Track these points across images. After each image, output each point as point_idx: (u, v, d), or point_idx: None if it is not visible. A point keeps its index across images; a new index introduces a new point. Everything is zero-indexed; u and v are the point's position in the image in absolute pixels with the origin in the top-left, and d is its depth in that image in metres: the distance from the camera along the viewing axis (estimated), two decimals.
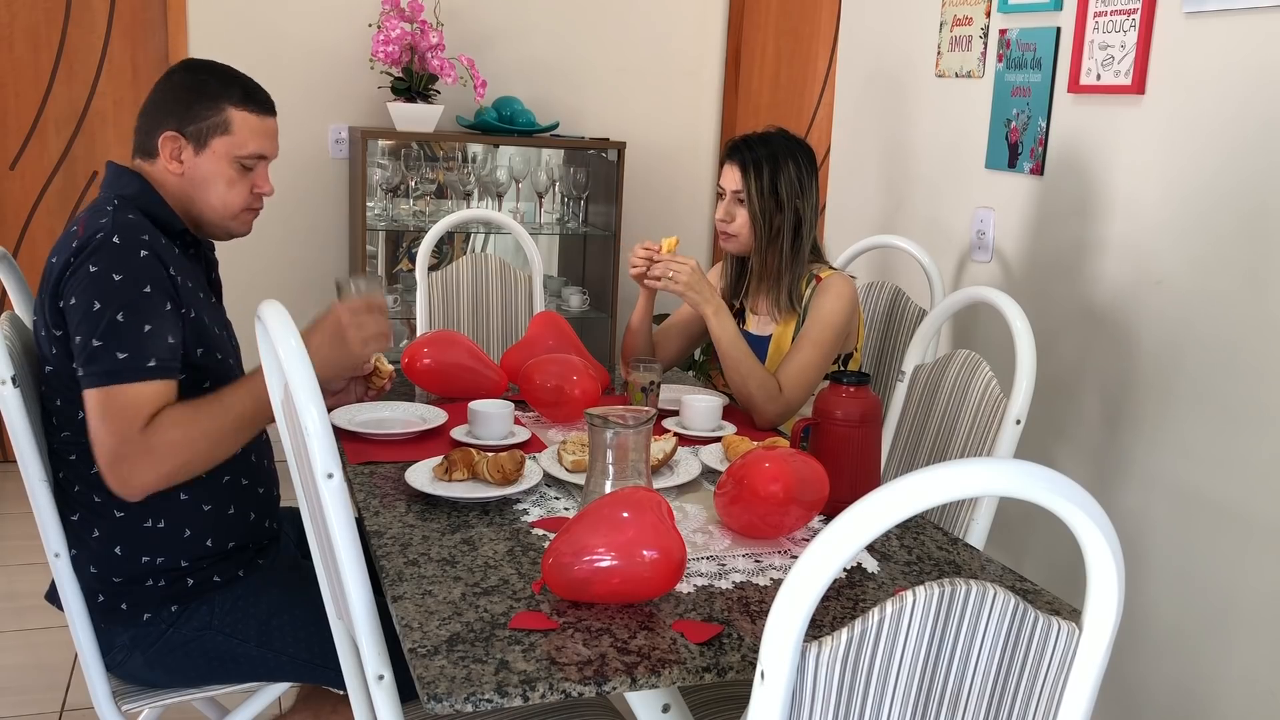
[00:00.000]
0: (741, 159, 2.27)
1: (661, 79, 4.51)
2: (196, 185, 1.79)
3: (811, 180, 2.29)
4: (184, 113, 1.76)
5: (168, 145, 1.77)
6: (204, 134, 1.77)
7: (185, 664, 1.76)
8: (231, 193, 1.81)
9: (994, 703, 1.03)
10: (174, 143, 1.77)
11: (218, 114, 1.77)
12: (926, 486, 0.90)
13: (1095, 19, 2.30)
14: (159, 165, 1.78)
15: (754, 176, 2.26)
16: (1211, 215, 2.05)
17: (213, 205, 1.81)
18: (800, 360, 2.21)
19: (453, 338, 2.31)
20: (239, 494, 1.81)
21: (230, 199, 1.81)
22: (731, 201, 2.30)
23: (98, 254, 1.63)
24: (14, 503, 3.67)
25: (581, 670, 1.22)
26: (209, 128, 1.77)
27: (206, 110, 1.77)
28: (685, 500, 1.77)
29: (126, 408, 1.60)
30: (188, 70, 1.82)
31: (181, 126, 1.77)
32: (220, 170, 1.79)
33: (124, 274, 1.62)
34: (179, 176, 1.78)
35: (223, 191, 1.80)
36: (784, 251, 2.28)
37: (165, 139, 1.76)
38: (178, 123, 1.76)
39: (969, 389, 2.03)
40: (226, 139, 1.78)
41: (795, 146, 2.29)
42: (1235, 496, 1.99)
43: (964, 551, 1.64)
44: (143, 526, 1.73)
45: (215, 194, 1.80)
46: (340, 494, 1.29)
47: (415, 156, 4.12)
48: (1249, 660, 1.97)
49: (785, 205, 2.26)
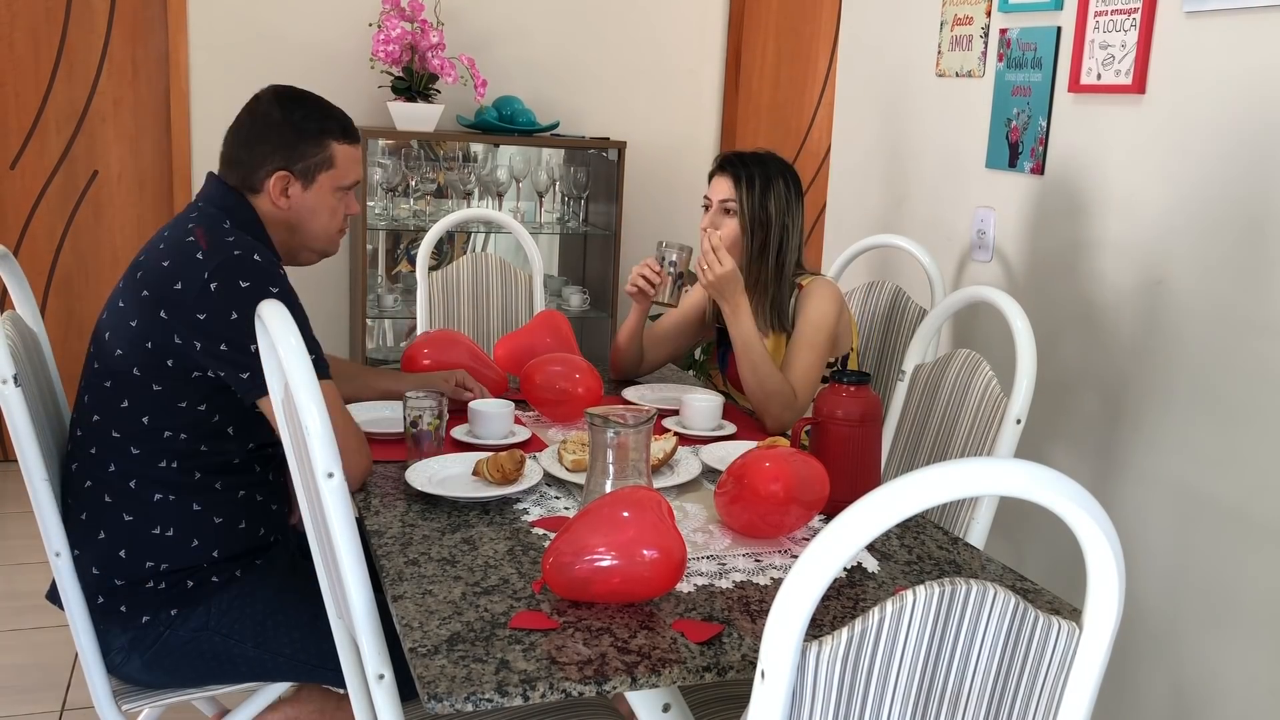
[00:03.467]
0: (735, 171, 2.31)
1: (661, 79, 4.51)
2: (302, 218, 1.86)
3: (798, 202, 2.33)
4: (290, 152, 1.82)
5: (277, 184, 1.82)
6: (311, 170, 1.83)
7: (184, 665, 1.77)
8: (333, 221, 1.90)
9: (994, 702, 1.03)
10: (283, 181, 1.82)
11: (323, 151, 1.84)
12: (926, 486, 0.90)
13: (1096, 18, 2.30)
14: (263, 200, 1.83)
15: (746, 188, 2.29)
16: (1212, 215, 2.05)
17: (316, 234, 1.89)
18: (801, 363, 2.22)
19: (453, 338, 2.31)
20: (251, 508, 1.82)
21: (331, 226, 1.90)
22: (718, 211, 2.32)
23: (242, 270, 1.67)
24: (15, 502, 3.67)
25: (582, 670, 1.22)
26: (316, 165, 1.83)
27: (314, 149, 1.83)
28: (685, 500, 1.77)
29: (337, 404, 1.67)
30: (283, 104, 1.85)
31: (290, 165, 1.82)
32: (325, 202, 1.86)
33: (279, 286, 1.69)
34: (285, 211, 1.84)
35: (326, 220, 1.89)
36: (768, 267, 2.30)
37: (275, 179, 1.81)
38: (285, 161, 1.82)
39: (969, 388, 2.03)
40: (331, 173, 1.85)
41: (784, 168, 2.34)
42: (1235, 496, 1.99)
43: (964, 551, 1.64)
44: (150, 533, 1.73)
45: (320, 224, 1.88)
46: (340, 493, 1.29)
47: (415, 156, 4.12)
48: (1249, 659, 1.98)
49: (773, 220, 2.29)
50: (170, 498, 1.73)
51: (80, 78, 3.92)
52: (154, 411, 1.71)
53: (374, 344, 4.31)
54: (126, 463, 1.73)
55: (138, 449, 1.72)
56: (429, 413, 1.86)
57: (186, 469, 1.74)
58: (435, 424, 1.87)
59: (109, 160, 4.01)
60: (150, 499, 1.73)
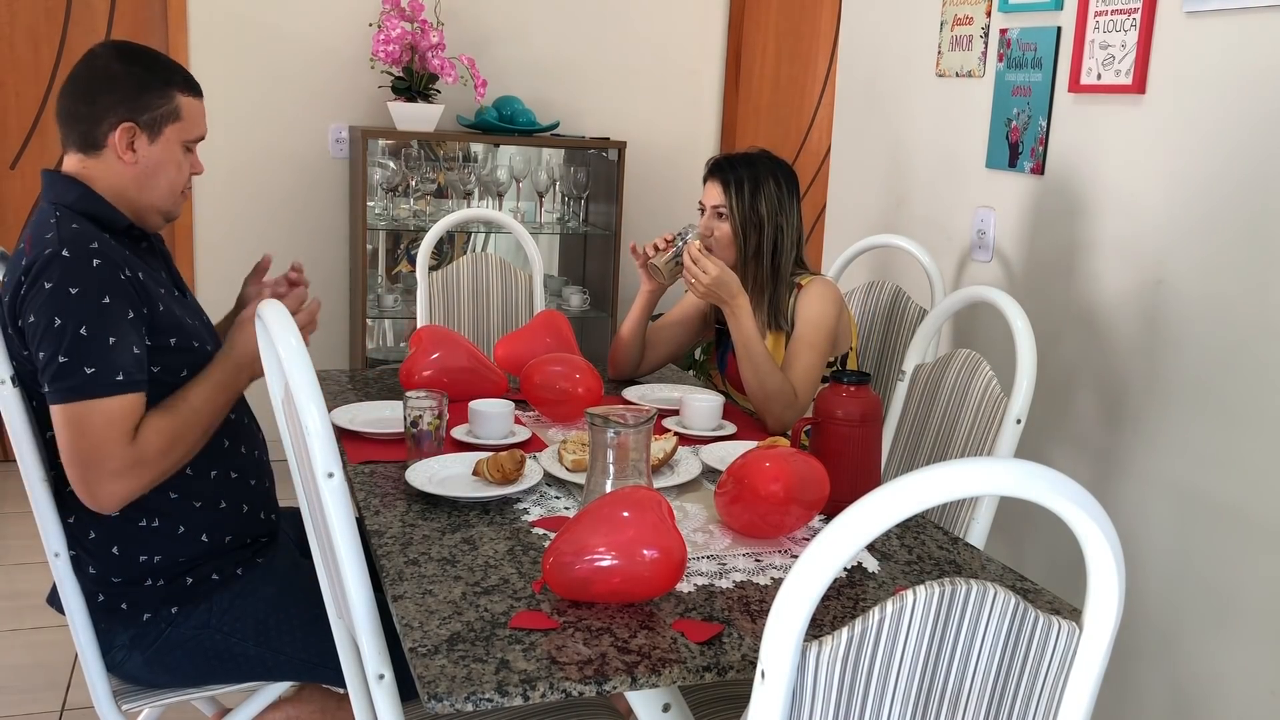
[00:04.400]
0: (724, 176, 2.32)
1: (661, 79, 4.51)
2: (149, 174, 1.78)
3: (792, 200, 2.33)
4: (134, 103, 1.74)
5: (123, 137, 1.74)
6: (158, 123, 1.76)
7: (184, 663, 1.76)
8: (179, 177, 1.82)
9: (994, 702, 1.03)
10: (128, 133, 1.74)
11: (169, 102, 1.77)
12: (926, 486, 0.90)
13: (1096, 18, 2.30)
14: (106, 157, 1.75)
15: (735, 193, 2.29)
16: (1212, 215, 2.05)
17: (162, 191, 1.80)
18: (802, 363, 2.22)
19: (453, 338, 2.31)
20: (229, 487, 1.81)
21: (177, 184, 1.82)
22: (711, 216, 2.34)
23: (49, 269, 1.62)
24: (14, 502, 3.67)
25: (582, 670, 1.22)
26: (162, 116, 1.76)
27: (159, 100, 1.76)
28: (685, 500, 1.77)
29: (103, 423, 1.60)
30: (123, 57, 1.78)
31: (135, 116, 1.74)
32: (172, 156, 1.79)
33: (80, 287, 1.61)
34: (131, 165, 1.76)
35: (173, 177, 1.80)
36: (764, 267, 2.31)
37: (120, 131, 1.73)
38: (129, 112, 1.74)
39: (969, 388, 2.03)
40: (178, 125, 1.78)
41: (777, 167, 2.34)
42: (1235, 496, 1.99)
43: (964, 551, 1.64)
44: (137, 526, 1.73)
45: (166, 180, 1.80)
46: (341, 493, 1.29)
47: (416, 156, 4.12)
48: (1249, 659, 1.98)
49: (766, 222, 2.29)
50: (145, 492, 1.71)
51: None
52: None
53: (374, 344, 4.31)
54: None
55: None
56: (429, 413, 1.86)
57: None
58: (435, 424, 1.87)
59: None
60: None
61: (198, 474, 1.77)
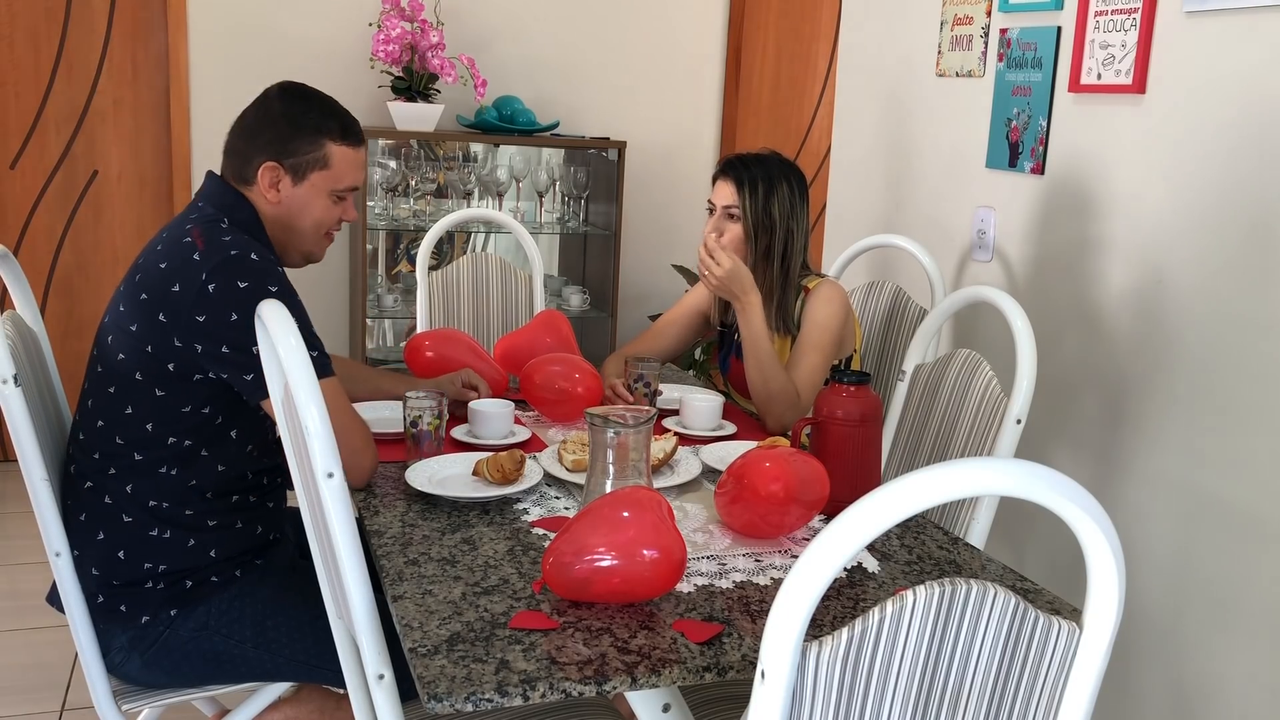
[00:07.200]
0: (737, 176, 2.30)
1: (661, 79, 4.51)
2: (291, 214, 1.83)
3: (803, 203, 2.32)
4: (283, 145, 1.79)
5: (266, 175, 1.79)
6: (303, 168, 1.80)
7: (183, 665, 1.76)
8: (323, 224, 1.86)
9: (994, 702, 1.03)
10: (272, 173, 1.79)
11: (317, 149, 1.80)
12: (926, 486, 0.90)
13: (1096, 18, 2.30)
14: (255, 192, 1.81)
15: (749, 193, 2.28)
16: (1212, 215, 2.05)
17: (303, 235, 1.85)
18: (807, 365, 2.22)
19: (454, 336, 2.31)
20: (247, 510, 1.82)
21: (320, 229, 1.87)
22: (721, 216, 2.32)
23: (240, 270, 1.66)
24: (15, 502, 3.67)
25: (582, 670, 1.22)
26: (308, 162, 1.80)
27: (307, 146, 1.80)
28: (685, 500, 1.77)
29: (341, 400, 1.66)
30: (286, 98, 1.83)
31: (280, 159, 1.79)
32: (316, 202, 1.83)
33: (278, 285, 1.68)
34: (274, 205, 1.81)
35: (316, 221, 1.85)
36: (773, 270, 2.30)
37: (264, 169, 1.79)
38: (276, 154, 1.79)
39: (969, 388, 2.03)
40: (325, 174, 1.82)
41: (789, 169, 2.33)
42: (1236, 496, 1.99)
43: (964, 551, 1.64)
44: (149, 534, 1.73)
45: (307, 223, 1.84)
46: (340, 494, 1.29)
47: (415, 156, 4.12)
48: (1250, 659, 1.97)
49: (777, 225, 2.28)
50: (164, 505, 1.73)
51: (80, 78, 3.92)
52: (158, 418, 1.71)
53: (374, 344, 4.31)
54: (129, 467, 1.73)
55: (141, 454, 1.72)
56: (429, 413, 1.86)
57: (186, 475, 1.74)
58: (435, 424, 1.87)
59: (109, 160, 4.01)
60: (148, 503, 1.73)
61: (220, 496, 1.78)
